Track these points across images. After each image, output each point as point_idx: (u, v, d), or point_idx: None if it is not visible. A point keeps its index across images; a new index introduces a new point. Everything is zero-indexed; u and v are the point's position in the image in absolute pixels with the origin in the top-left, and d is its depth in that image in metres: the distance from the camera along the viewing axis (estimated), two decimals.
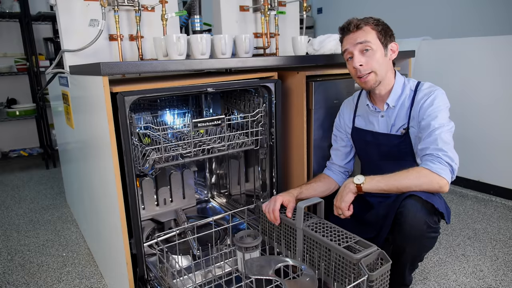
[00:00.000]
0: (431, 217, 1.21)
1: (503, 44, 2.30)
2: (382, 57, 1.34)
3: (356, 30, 1.33)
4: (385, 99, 1.41)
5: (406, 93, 1.39)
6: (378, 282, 1.09)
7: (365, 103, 1.47)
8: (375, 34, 1.33)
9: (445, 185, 1.20)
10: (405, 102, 1.39)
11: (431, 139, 1.26)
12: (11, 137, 3.70)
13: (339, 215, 1.34)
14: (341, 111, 1.61)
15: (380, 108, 1.44)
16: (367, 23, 1.33)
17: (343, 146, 1.59)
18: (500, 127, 2.38)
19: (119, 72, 1.23)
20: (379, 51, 1.33)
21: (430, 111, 1.30)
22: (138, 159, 1.44)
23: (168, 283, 1.32)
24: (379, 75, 1.35)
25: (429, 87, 1.37)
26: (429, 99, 1.32)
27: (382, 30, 1.33)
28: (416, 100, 1.36)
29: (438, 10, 3.27)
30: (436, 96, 1.32)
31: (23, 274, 1.77)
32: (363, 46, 1.32)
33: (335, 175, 1.59)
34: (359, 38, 1.32)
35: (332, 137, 1.63)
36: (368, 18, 1.35)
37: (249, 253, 1.35)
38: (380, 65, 1.34)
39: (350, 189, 1.29)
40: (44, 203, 2.65)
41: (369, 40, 1.32)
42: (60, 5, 1.63)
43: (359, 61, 1.34)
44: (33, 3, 3.33)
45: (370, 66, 1.33)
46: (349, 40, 1.35)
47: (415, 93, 1.37)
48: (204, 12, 1.79)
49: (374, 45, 1.32)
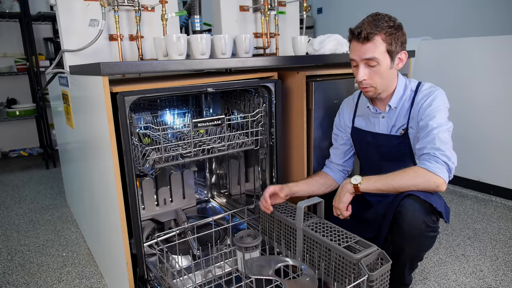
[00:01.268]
0: (429, 216, 1.21)
1: (503, 44, 2.30)
2: (387, 70, 1.31)
3: (365, 42, 1.27)
4: (387, 101, 1.41)
5: (407, 94, 1.39)
6: (378, 282, 1.09)
7: (366, 105, 1.46)
8: (385, 47, 1.27)
9: (441, 184, 1.20)
10: (405, 103, 1.39)
11: (429, 139, 1.26)
12: (11, 137, 3.70)
13: (338, 216, 1.35)
14: (341, 110, 1.60)
15: (381, 109, 1.43)
16: (379, 33, 1.25)
17: (342, 144, 1.59)
18: (500, 127, 2.37)
19: (119, 72, 1.23)
20: (385, 64, 1.29)
21: (429, 111, 1.30)
22: (138, 159, 1.44)
23: (168, 283, 1.32)
24: (379, 88, 1.34)
25: (429, 87, 1.36)
26: (429, 99, 1.32)
27: (393, 40, 1.27)
28: (416, 100, 1.36)
29: (439, 10, 3.27)
30: (436, 96, 1.32)
31: (23, 274, 1.77)
32: (369, 62, 1.29)
33: (334, 173, 1.59)
34: (367, 54, 1.27)
35: (333, 136, 1.63)
36: (382, 23, 1.26)
37: (249, 253, 1.35)
38: (383, 79, 1.32)
39: (347, 190, 1.30)
40: (44, 203, 2.65)
41: (376, 56, 1.27)
42: (60, 5, 1.63)
43: (362, 76, 1.31)
44: (33, 3, 3.32)
45: (373, 81, 1.32)
46: (356, 50, 1.30)
47: (415, 94, 1.37)
48: (204, 12, 1.78)
49: (381, 60, 1.28)
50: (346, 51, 1.87)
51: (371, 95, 1.37)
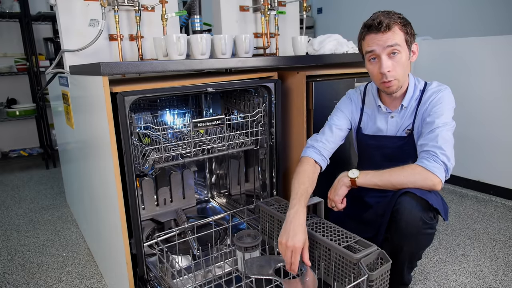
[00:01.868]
0: (426, 213, 1.21)
1: (503, 44, 2.30)
2: (406, 60, 1.28)
3: (386, 31, 1.23)
4: (400, 100, 1.37)
5: (416, 94, 1.37)
6: (378, 282, 1.09)
7: (375, 103, 1.42)
8: (403, 36, 1.25)
9: (438, 183, 1.20)
10: (413, 102, 1.37)
11: (432, 136, 1.25)
12: (11, 137, 3.70)
13: (332, 208, 1.35)
14: (351, 97, 1.49)
15: (391, 108, 1.41)
16: (396, 23, 1.24)
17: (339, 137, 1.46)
18: (500, 127, 2.38)
19: (119, 72, 1.23)
20: (404, 54, 1.27)
21: (436, 109, 1.29)
22: (138, 159, 1.44)
23: (168, 283, 1.32)
24: (401, 80, 1.31)
25: (437, 85, 1.35)
26: (437, 97, 1.31)
27: (408, 30, 1.26)
28: (424, 99, 1.34)
29: (438, 10, 3.27)
30: (444, 95, 1.31)
31: (23, 274, 1.77)
32: (392, 50, 1.24)
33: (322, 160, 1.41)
34: (389, 41, 1.23)
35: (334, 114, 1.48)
36: (393, 16, 1.25)
37: (249, 253, 1.35)
38: (404, 70, 1.29)
39: (344, 183, 1.30)
40: (44, 203, 2.65)
41: (399, 43, 1.24)
42: (60, 5, 1.63)
43: (387, 67, 1.25)
44: (33, 3, 3.32)
45: (396, 72, 1.27)
46: (377, 41, 1.25)
47: (423, 93, 1.36)
48: (204, 12, 1.79)
49: (402, 48, 1.25)
50: (346, 51, 1.86)
51: (394, 89, 1.32)
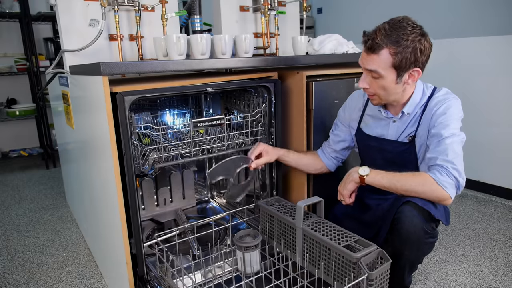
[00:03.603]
0: (428, 223, 1.20)
1: (503, 44, 2.30)
2: (391, 84, 1.23)
3: (370, 53, 1.21)
4: (401, 107, 1.34)
5: (423, 101, 1.32)
6: (378, 281, 1.09)
7: (377, 108, 1.41)
8: (391, 62, 1.18)
9: (447, 199, 1.16)
10: (418, 110, 1.33)
11: (441, 149, 1.20)
12: (11, 137, 3.70)
13: (340, 201, 1.36)
14: (348, 105, 1.54)
15: (393, 114, 1.38)
16: (388, 46, 1.17)
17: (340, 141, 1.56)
18: (500, 127, 2.38)
19: (119, 72, 1.23)
20: (389, 78, 1.21)
21: (442, 119, 1.24)
22: (138, 159, 1.44)
23: (168, 283, 1.32)
24: (383, 99, 1.29)
25: (445, 94, 1.30)
26: (442, 107, 1.26)
27: (403, 56, 1.17)
28: (429, 107, 1.29)
29: (438, 10, 3.27)
30: (450, 105, 1.25)
31: (23, 274, 1.77)
32: (371, 73, 1.24)
33: (327, 159, 1.58)
34: (369, 65, 1.22)
35: (333, 126, 1.60)
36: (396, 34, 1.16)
37: (249, 252, 1.35)
38: (385, 91, 1.26)
39: (353, 179, 1.29)
40: (44, 203, 2.65)
41: (379, 70, 1.20)
42: (60, 5, 1.63)
43: (362, 84, 1.28)
44: (33, 3, 3.33)
45: (375, 91, 1.27)
46: (362, 58, 1.26)
47: (428, 100, 1.31)
48: (204, 12, 1.78)
49: (385, 73, 1.21)
50: (346, 51, 1.86)
51: (376, 103, 1.32)
